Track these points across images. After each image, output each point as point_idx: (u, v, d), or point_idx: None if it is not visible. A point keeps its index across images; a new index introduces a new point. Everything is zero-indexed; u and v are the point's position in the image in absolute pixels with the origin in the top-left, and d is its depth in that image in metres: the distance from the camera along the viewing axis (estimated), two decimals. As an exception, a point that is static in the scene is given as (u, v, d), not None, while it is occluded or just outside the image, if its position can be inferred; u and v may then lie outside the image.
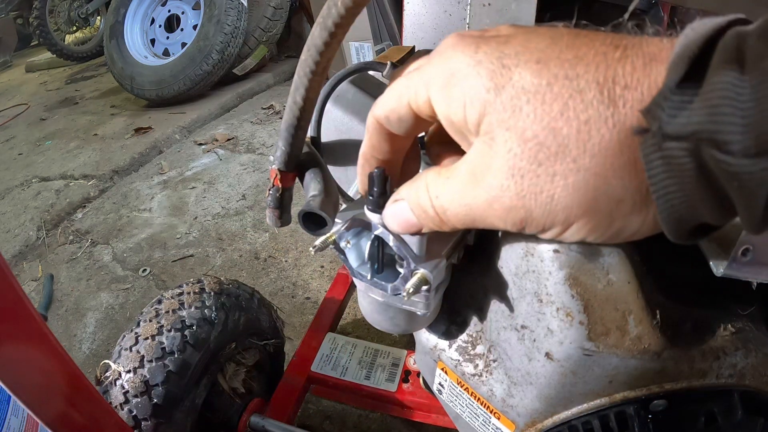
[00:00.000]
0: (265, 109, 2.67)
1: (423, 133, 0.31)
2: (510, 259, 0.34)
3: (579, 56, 0.19)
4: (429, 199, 0.24)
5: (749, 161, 0.15)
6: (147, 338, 0.69)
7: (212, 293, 0.76)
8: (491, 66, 0.20)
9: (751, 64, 0.15)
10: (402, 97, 0.24)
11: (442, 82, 0.21)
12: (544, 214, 0.20)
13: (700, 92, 0.16)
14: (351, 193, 0.51)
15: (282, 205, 0.36)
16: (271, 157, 0.35)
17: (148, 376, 0.66)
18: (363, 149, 0.28)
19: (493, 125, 0.20)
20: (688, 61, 0.16)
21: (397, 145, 0.28)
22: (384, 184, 0.30)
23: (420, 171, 0.32)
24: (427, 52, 0.77)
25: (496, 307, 0.38)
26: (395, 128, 0.26)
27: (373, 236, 0.31)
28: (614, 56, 0.19)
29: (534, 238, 0.32)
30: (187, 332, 0.70)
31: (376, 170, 0.29)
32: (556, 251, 0.31)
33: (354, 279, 0.35)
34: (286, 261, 1.50)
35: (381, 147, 0.27)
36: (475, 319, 0.42)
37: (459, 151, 0.28)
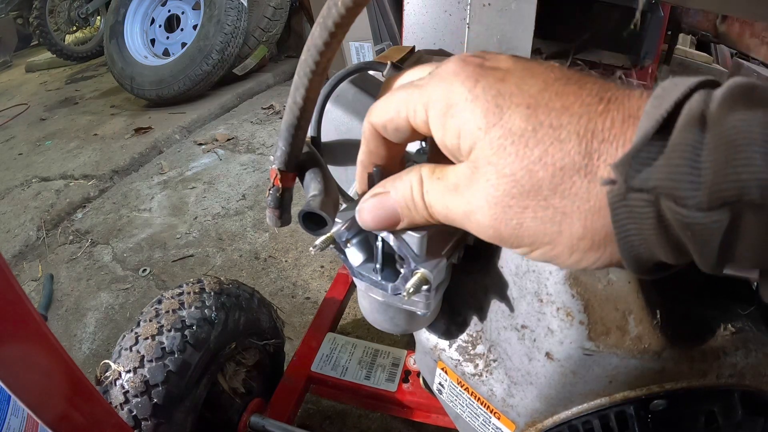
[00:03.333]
0: (265, 109, 2.67)
1: None
2: (510, 258, 0.34)
3: (565, 106, 0.21)
4: (421, 192, 0.25)
5: (702, 214, 0.17)
6: (147, 338, 0.69)
7: (212, 293, 0.76)
8: (486, 104, 0.22)
9: (711, 128, 0.17)
10: (401, 111, 0.25)
11: (440, 110, 0.24)
12: (511, 236, 0.23)
13: (664, 151, 0.18)
14: (351, 193, 0.51)
15: (282, 205, 0.36)
16: (272, 157, 0.35)
17: (148, 376, 0.66)
18: (361, 156, 0.29)
19: (478, 157, 0.22)
20: (656, 124, 0.18)
21: (393, 150, 0.29)
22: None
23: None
24: (428, 52, 0.77)
25: (496, 306, 0.38)
26: (391, 136, 0.27)
27: (373, 236, 0.31)
28: (597, 109, 0.21)
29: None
30: (187, 332, 0.70)
31: (375, 170, 0.29)
32: (556, 251, 0.31)
33: (354, 279, 0.35)
34: (286, 261, 1.50)
35: (378, 152, 0.29)
36: (475, 319, 0.42)
37: None
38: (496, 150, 0.22)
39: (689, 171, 0.17)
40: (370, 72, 0.51)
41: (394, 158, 0.30)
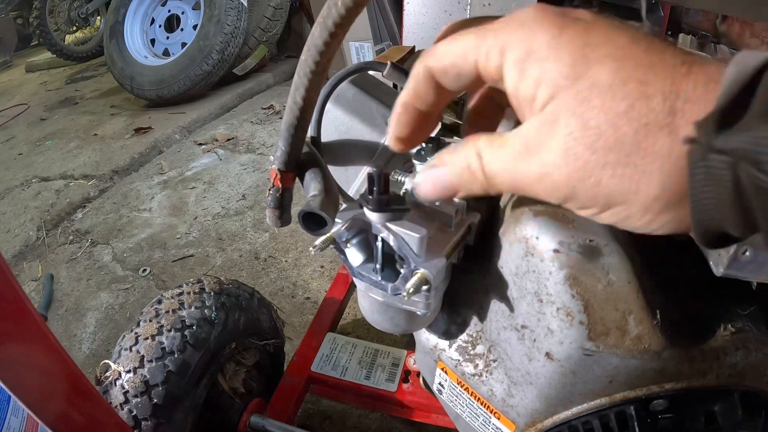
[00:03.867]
0: (265, 109, 2.67)
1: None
2: (510, 259, 0.34)
3: (652, 63, 0.21)
4: (480, 164, 0.25)
5: None
6: (147, 338, 0.69)
7: (212, 293, 0.76)
8: (573, 54, 0.21)
9: None
10: (469, 54, 0.24)
11: (520, 55, 0.22)
12: (587, 196, 0.22)
13: (746, 114, 0.18)
14: (351, 193, 0.51)
15: (282, 205, 0.36)
16: (271, 157, 0.35)
17: (148, 376, 0.66)
18: (404, 97, 0.28)
19: (559, 109, 0.22)
20: (740, 86, 0.18)
21: (443, 97, 0.27)
22: (385, 184, 0.30)
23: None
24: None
25: (496, 307, 0.38)
26: (449, 82, 0.26)
27: (373, 236, 0.31)
28: (681, 71, 0.20)
29: (534, 238, 0.32)
30: (187, 332, 0.70)
31: (375, 170, 0.29)
32: (556, 251, 0.31)
33: (354, 279, 0.35)
34: (286, 261, 1.50)
35: (426, 98, 0.27)
36: (475, 319, 0.42)
37: (496, 125, 0.32)
38: (582, 101, 0.21)
39: None
40: (370, 72, 0.51)
41: (440, 107, 0.28)
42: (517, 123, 0.25)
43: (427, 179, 0.28)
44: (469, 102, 0.33)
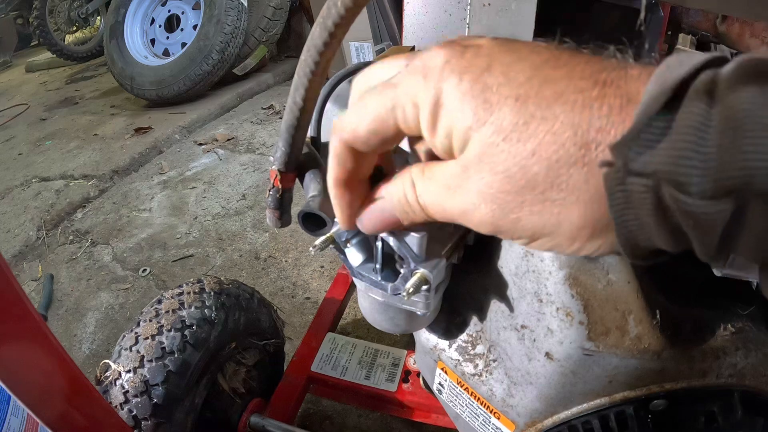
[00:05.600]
0: (265, 109, 2.67)
1: None
2: (510, 259, 0.34)
3: (557, 93, 0.20)
4: (414, 195, 0.25)
5: (705, 202, 0.16)
6: (147, 338, 0.69)
7: (212, 293, 0.76)
8: (474, 101, 0.21)
9: (718, 108, 0.16)
10: (386, 119, 0.23)
11: (430, 110, 0.22)
12: (510, 230, 0.22)
13: (667, 133, 0.17)
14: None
15: (282, 205, 0.36)
16: (271, 158, 0.35)
17: (148, 376, 0.66)
18: (336, 176, 0.26)
19: (470, 157, 0.22)
20: (658, 104, 0.17)
21: (371, 159, 0.27)
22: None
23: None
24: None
25: (496, 307, 0.38)
26: (372, 148, 0.25)
27: (373, 236, 0.31)
28: (592, 95, 0.19)
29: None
30: (187, 332, 0.70)
31: (375, 169, 0.29)
32: (556, 251, 0.31)
33: (354, 279, 0.35)
34: (286, 261, 1.50)
35: (356, 167, 0.26)
36: (475, 319, 0.42)
37: None
38: (488, 148, 0.21)
39: (693, 155, 0.16)
40: (370, 72, 0.51)
41: (372, 165, 0.27)
42: None
43: (369, 215, 0.27)
44: None
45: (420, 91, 0.22)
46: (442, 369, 0.44)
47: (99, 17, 4.14)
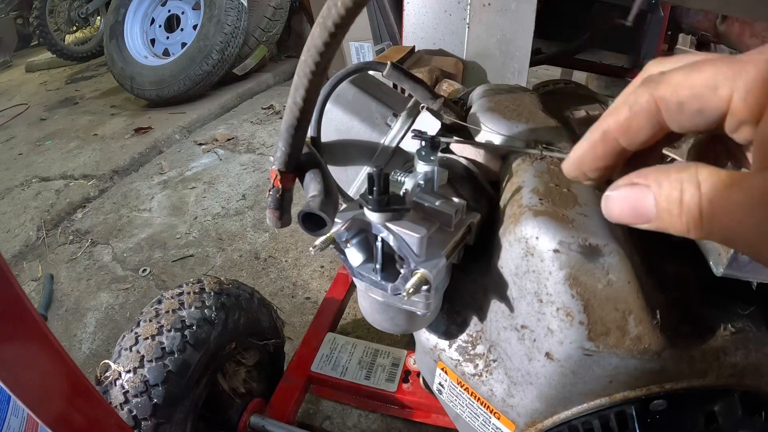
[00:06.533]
0: (265, 109, 2.67)
1: None
2: (510, 259, 0.34)
3: None
4: (698, 197, 0.20)
5: None
6: (147, 338, 0.69)
7: (212, 293, 0.76)
8: None
9: None
10: (721, 86, 0.20)
11: None
12: None
13: None
14: (351, 193, 0.51)
15: (282, 205, 0.36)
16: (272, 158, 0.35)
17: (148, 376, 0.66)
18: (609, 125, 0.23)
19: None
20: None
21: (655, 138, 0.23)
22: (385, 184, 0.30)
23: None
24: (428, 52, 0.77)
25: (496, 307, 0.38)
26: (681, 120, 0.21)
27: (373, 236, 0.31)
28: None
29: (534, 238, 0.32)
30: (187, 332, 0.70)
31: (375, 170, 0.29)
32: (556, 251, 0.31)
33: (354, 279, 0.35)
34: (286, 261, 1.50)
35: (637, 135, 0.22)
36: (475, 319, 0.42)
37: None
38: None
39: None
40: (370, 72, 0.51)
41: (645, 149, 0.23)
42: None
43: (622, 198, 0.22)
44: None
45: None
46: (442, 369, 0.44)
47: (99, 17, 4.14)
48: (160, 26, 2.96)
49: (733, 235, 0.20)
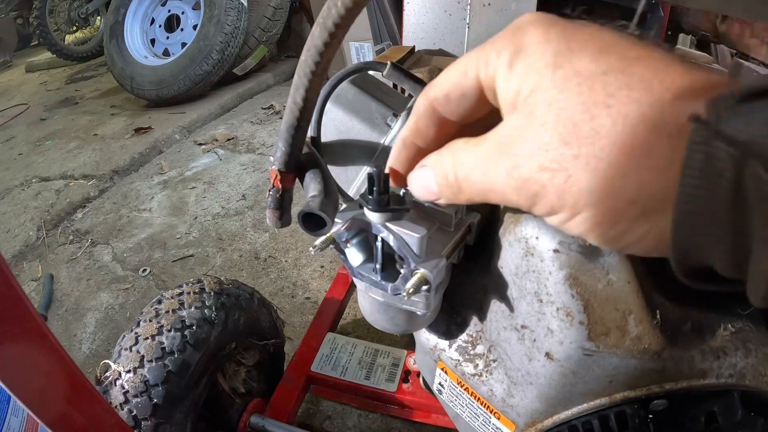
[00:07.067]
0: (265, 109, 2.67)
1: None
2: (510, 259, 0.34)
3: (641, 56, 0.19)
4: (453, 165, 0.24)
5: None
6: (147, 338, 0.69)
7: (212, 293, 0.76)
8: (558, 46, 0.21)
9: None
10: (469, 70, 0.23)
11: (511, 54, 0.22)
12: (556, 192, 0.20)
13: None
14: (351, 193, 0.51)
15: (282, 205, 0.36)
16: (271, 158, 0.35)
17: (148, 376, 0.66)
18: (405, 133, 0.27)
19: (537, 100, 0.21)
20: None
21: (444, 131, 0.27)
22: (385, 184, 0.30)
23: None
24: (428, 52, 0.77)
25: (496, 307, 0.38)
26: (452, 108, 0.25)
27: (373, 236, 0.31)
28: (678, 68, 0.19)
29: (534, 238, 0.32)
30: (187, 332, 0.70)
31: (375, 169, 0.29)
32: (556, 251, 0.31)
33: (354, 279, 0.35)
34: (286, 261, 1.50)
35: (427, 133, 0.27)
36: (475, 319, 0.42)
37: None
38: (560, 90, 0.20)
39: None
40: (370, 72, 0.51)
41: (439, 143, 0.27)
42: None
43: (415, 179, 0.27)
44: None
45: (506, 41, 0.22)
46: (442, 369, 0.44)
47: (99, 17, 4.14)
48: (160, 26, 2.96)
49: (488, 189, 0.23)
